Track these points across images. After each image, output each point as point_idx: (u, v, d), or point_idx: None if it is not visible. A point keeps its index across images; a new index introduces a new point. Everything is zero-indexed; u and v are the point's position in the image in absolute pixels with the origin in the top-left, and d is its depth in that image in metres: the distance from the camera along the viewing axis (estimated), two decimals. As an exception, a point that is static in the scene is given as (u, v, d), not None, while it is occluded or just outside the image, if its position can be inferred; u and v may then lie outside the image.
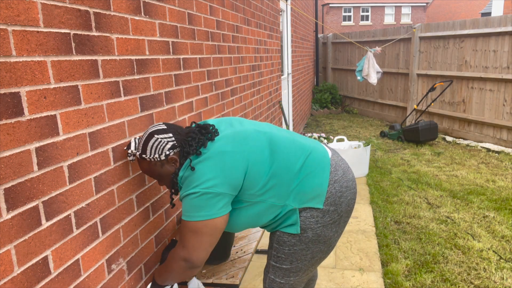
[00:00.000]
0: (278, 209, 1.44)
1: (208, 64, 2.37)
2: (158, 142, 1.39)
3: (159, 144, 1.39)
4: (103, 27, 1.35)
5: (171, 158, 1.41)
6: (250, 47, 3.40)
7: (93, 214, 1.31)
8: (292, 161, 1.43)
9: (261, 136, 1.45)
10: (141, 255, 1.63)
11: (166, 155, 1.40)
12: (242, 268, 1.87)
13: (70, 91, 1.19)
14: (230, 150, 1.36)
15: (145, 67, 1.63)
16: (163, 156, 1.40)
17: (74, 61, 1.21)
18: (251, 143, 1.40)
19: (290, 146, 1.46)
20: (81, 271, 1.25)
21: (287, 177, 1.41)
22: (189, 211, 1.33)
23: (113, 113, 1.41)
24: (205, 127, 1.43)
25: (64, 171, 1.17)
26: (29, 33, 1.04)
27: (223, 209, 1.33)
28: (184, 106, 2.03)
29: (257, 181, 1.38)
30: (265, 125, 1.55)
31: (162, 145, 1.39)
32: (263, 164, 1.39)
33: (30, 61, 1.05)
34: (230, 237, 1.94)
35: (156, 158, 1.40)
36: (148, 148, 1.40)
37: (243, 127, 1.48)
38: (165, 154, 1.40)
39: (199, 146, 1.37)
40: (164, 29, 1.79)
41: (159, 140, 1.40)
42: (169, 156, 1.40)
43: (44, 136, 1.09)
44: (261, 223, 1.50)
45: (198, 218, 1.32)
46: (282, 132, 1.53)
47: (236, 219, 1.44)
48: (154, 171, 1.44)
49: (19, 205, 1.02)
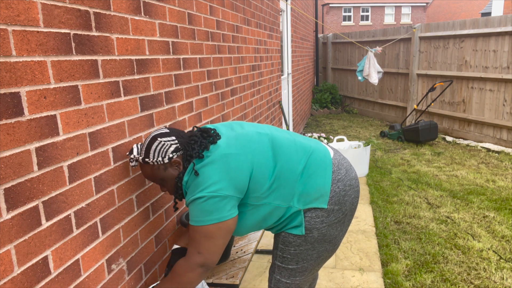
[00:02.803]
0: (282, 211, 1.44)
1: (208, 64, 2.37)
2: (161, 145, 1.39)
3: (162, 147, 1.39)
4: (103, 27, 1.35)
5: (174, 161, 1.40)
6: (250, 47, 3.40)
7: (93, 214, 1.31)
8: (295, 162, 1.43)
9: (263, 138, 1.45)
10: (141, 255, 1.63)
11: (169, 158, 1.39)
12: (242, 268, 1.87)
13: (70, 91, 1.19)
14: (233, 152, 1.36)
15: (145, 67, 1.63)
16: (167, 159, 1.39)
17: (74, 61, 1.21)
18: (254, 145, 1.40)
19: (291, 147, 1.46)
20: (81, 271, 1.25)
21: (290, 178, 1.41)
22: (199, 216, 1.31)
23: (113, 113, 1.41)
24: (207, 130, 1.43)
25: (64, 171, 1.17)
26: (29, 33, 1.04)
27: (232, 210, 1.33)
28: (184, 106, 2.03)
29: (262, 183, 1.38)
30: (265, 127, 1.55)
31: (166, 147, 1.39)
32: (267, 166, 1.39)
33: (30, 61, 1.05)
34: (231, 238, 1.94)
35: (160, 161, 1.39)
36: (151, 151, 1.39)
37: (244, 129, 1.48)
38: (169, 157, 1.39)
39: (202, 149, 1.37)
40: (164, 29, 1.79)
41: (162, 143, 1.39)
42: (172, 159, 1.39)
43: (44, 136, 1.09)
44: (266, 226, 1.50)
45: (209, 222, 1.31)
46: (283, 133, 1.54)
47: (242, 223, 1.44)
48: (157, 175, 1.42)
49: (19, 205, 1.02)
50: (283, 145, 1.45)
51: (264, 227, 1.51)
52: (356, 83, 9.69)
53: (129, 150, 1.47)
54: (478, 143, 6.16)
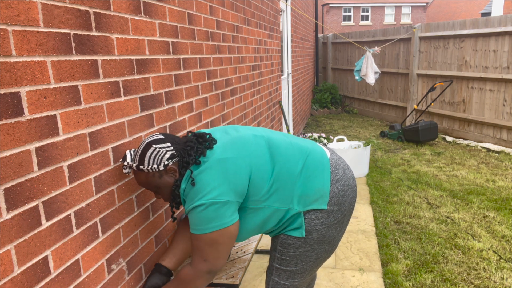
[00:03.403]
0: (282, 213, 1.43)
1: (208, 64, 2.37)
2: (156, 152, 1.35)
3: (157, 154, 1.35)
4: (103, 27, 1.35)
5: (170, 168, 1.37)
6: (250, 47, 3.40)
7: (93, 214, 1.31)
8: (292, 163, 1.42)
9: (260, 140, 1.44)
10: (141, 255, 1.63)
11: (165, 165, 1.36)
12: (242, 268, 1.87)
13: (70, 91, 1.19)
14: (230, 156, 1.34)
15: (145, 67, 1.63)
16: (162, 166, 1.36)
17: (74, 61, 1.21)
18: (251, 148, 1.39)
19: (289, 148, 1.46)
20: (81, 271, 1.25)
21: (289, 180, 1.40)
22: (200, 224, 1.30)
23: (113, 113, 1.41)
24: (202, 135, 1.41)
25: (64, 171, 1.17)
26: (29, 33, 1.04)
27: (233, 216, 1.32)
28: (184, 106, 2.03)
29: (261, 186, 1.37)
30: (261, 130, 1.54)
31: (161, 155, 1.35)
32: (265, 168, 1.38)
33: (30, 61, 1.05)
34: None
35: (155, 168, 1.35)
36: (146, 158, 1.35)
37: (240, 133, 1.46)
38: (164, 164, 1.35)
39: (198, 155, 1.35)
40: (164, 29, 1.79)
41: (157, 150, 1.36)
42: (168, 166, 1.36)
43: (44, 136, 1.09)
44: (266, 229, 1.49)
45: (211, 230, 1.29)
46: (279, 135, 1.53)
47: (242, 227, 1.43)
48: (152, 183, 1.39)
49: (19, 205, 1.02)
50: (280, 146, 1.44)
51: (264, 230, 1.50)
52: (356, 83, 9.69)
53: (129, 150, 1.47)
54: (478, 143, 6.16)
